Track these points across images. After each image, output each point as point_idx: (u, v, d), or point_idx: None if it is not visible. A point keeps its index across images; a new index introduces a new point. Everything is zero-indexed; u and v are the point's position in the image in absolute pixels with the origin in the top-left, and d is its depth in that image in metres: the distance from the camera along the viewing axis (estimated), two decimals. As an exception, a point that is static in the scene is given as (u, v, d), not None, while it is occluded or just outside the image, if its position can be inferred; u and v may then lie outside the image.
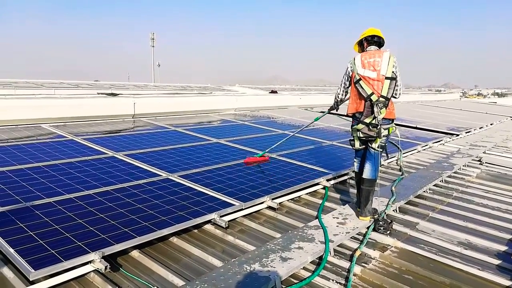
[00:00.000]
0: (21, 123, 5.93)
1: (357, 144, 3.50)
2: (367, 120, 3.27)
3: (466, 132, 9.19)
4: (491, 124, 11.47)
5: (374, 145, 3.36)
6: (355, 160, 3.65)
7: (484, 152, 6.78)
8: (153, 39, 39.28)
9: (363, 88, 3.27)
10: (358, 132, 3.40)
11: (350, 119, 3.60)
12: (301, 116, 9.59)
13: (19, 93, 8.19)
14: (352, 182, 4.56)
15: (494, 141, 8.14)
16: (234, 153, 5.19)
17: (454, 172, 5.32)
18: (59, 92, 9.10)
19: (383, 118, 3.26)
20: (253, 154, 5.16)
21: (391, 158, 5.79)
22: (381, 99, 3.21)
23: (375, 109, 3.20)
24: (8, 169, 3.75)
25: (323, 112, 10.70)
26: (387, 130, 3.37)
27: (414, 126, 9.22)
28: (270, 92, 12.85)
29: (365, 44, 3.45)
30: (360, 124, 3.33)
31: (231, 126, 7.35)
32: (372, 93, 3.22)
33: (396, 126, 3.53)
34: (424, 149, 6.91)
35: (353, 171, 3.74)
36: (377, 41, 3.42)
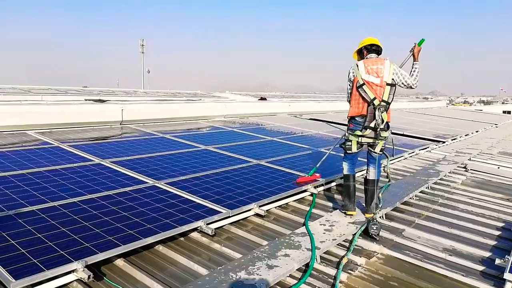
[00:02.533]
0: (6, 129, 5.84)
1: (354, 148, 3.58)
2: (372, 124, 3.45)
3: (452, 139, 9.33)
4: (477, 132, 11.67)
5: (377, 149, 3.59)
6: (345, 162, 3.68)
7: (470, 159, 6.88)
8: (142, 45, 39.22)
9: (366, 93, 3.46)
10: (360, 138, 3.53)
11: (338, 125, 3.66)
12: (290, 123, 9.63)
13: (5, 99, 8.07)
14: (340, 189, 4.58)
15: (480, 148, 8.28)
16: (223, 160, 5.18)
17: (440, 179, 5.39)
18: (46, 98, 8.99)
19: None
20: (241, 161, 5.17)
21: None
22: (382, 103, 3.43)
23: (377, 113, 3.42)
24: (-9, 177, 3.69)
25: (315, 119, 10.79)
26: (387, 133, 3.59)
27: (401, 133, 9.33)
28: (259, 99, 12.89)
29: (365, 52, 3.66)
30: (364, 129, 3.48)
31: (220, 133, 7.35)
32: (375, 98, 3.43)
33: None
34: (411, 156, 6.98)
35: (343, 175, 3.73)
36: (376, 50, 3.64)
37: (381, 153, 3.65)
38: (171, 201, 3.46)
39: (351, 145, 3.60)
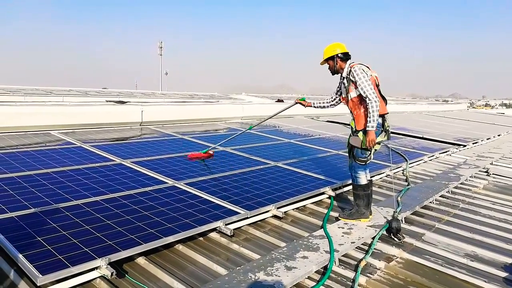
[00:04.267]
0: (30, 129, 6.01)
1: (372, 156, 3.53)
2: (385, 126, 3.50)
3: (473, 143, 9.14)
4: (499, 135, 11.39)
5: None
6: (363, 171, 3.58)
7: (491, 163, 6.73)
8: (161, 47, 39.74)
9: (379, 91, 3.48)
10: (379, 143, 3.52)
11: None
12: (307, 125, 9.61)
13: (28, 100, 8.34)
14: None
15: (502, 152, 8.09)
16: (240, 161, 5.21)
17: (461, 183, 5.29)
18: (68, 99, 9.26)
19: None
20: (259, 163, 5.19)
21: (397, 168, 5.77)
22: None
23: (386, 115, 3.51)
24: (17, 175, 3.81)
25: (333, 122, 10.71)
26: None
27: (421, 136, 9.18)
28: (276, 101, 12.91)
29: (339, 59, 3.56)
30: (385, 132, 3.49)
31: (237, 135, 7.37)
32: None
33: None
34: (430, 160, 6.88)
35: (359, 185, 3.63)
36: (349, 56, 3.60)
37: None
38: (190, 201, 3.51)
39: (371, 153, 3.50)
